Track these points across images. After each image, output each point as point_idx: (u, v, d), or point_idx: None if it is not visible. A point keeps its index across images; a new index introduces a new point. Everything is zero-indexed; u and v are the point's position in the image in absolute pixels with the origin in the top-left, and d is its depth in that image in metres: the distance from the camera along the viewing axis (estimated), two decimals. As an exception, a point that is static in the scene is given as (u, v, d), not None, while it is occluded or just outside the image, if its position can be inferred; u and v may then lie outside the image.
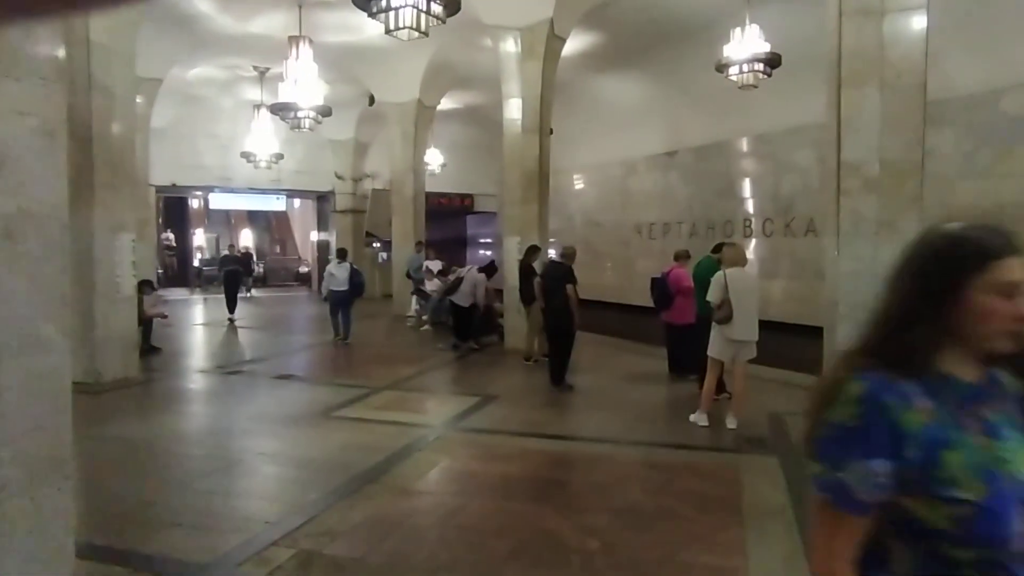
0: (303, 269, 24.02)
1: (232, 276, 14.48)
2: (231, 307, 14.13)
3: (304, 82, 10.39)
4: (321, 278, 13.16)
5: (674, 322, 8.37)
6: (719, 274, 6.18)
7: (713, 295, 6.10)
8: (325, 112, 10.85)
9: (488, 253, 24.08)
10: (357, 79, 15.23)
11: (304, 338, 12.38)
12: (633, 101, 15.25)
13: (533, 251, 9.48)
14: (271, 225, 27.74)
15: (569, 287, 7.57)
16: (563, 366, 7.81)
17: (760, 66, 8.41)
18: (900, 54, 5.06)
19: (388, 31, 6.65)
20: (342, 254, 11.74)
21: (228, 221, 26.67)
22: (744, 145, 13.46)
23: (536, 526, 3.91)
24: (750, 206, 13.35)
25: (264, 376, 8.68)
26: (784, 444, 5.52)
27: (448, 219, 23.01)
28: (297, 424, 6.27)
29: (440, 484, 4.76)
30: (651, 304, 8.50)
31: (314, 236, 24.05)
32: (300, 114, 10.65)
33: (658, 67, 13.55)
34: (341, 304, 11.04)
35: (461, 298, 10.42)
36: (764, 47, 8.41)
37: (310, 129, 11.39)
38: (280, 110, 10.78)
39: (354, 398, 7.28)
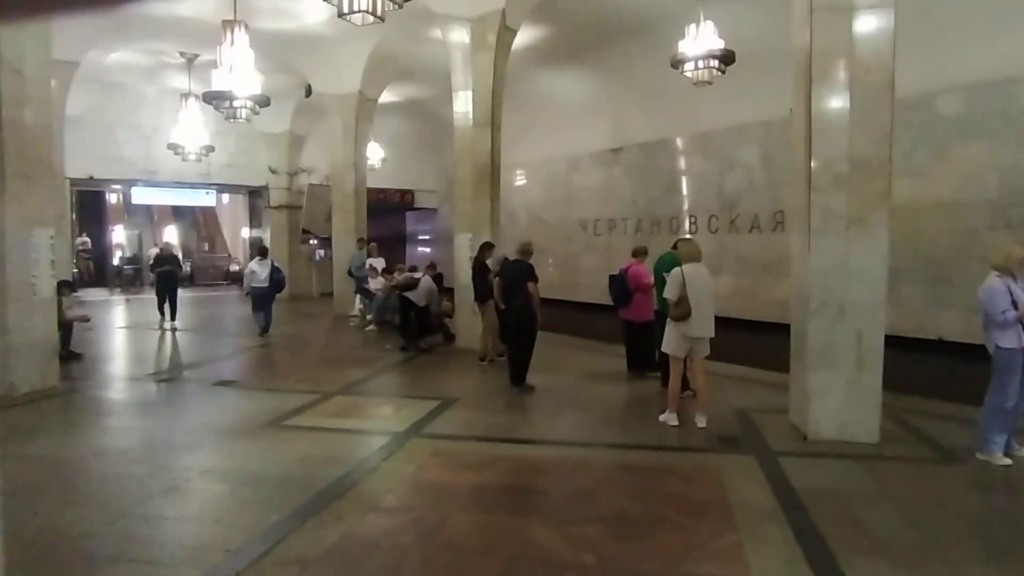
0: (233, 267, 22.85)
1: (167, 277, 12.88)
2: (166, 312, 12.75)
3: (240, 69, 9.72)
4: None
5: (633, 319, 8.29)
6: (676, 270, 6.10)
7: (670, 291, 6.01)
8: (263, 102, 10.19)
9: (428, 250, 23.58)
10: (293, 69, 14.53)
11: (241, 340, 11.65)
12: (579, 97, 15.18)
13: (487, 248, 9.24)
14: (198, 221, 26.20)
15: (530, 285, 7.35)
16: (524, 367, 7.58)
17: (715, 63, 8.43)
18: (869, 51, 5.09)
19: (341, 15, 6.22)
20: (264, 252, 12.22)
21: (151, 217, 25.01)
22: (690, 142, 13.59)
23: (524, 540, 3.68)
24: (695, 202, 13.50)
25: (202, 383, 8.08)
26: (758, 442, 5.49)
27: (387, 215, 22.39)
28: (246, 436, 5.79)
29: (413, 498, 4.44)
30: (597, 301, 8.40)
31: (245, 233, 22.94)
32: (236, 103, 9.95)
33: (605, 63, 13.52)
34: (262, 299, 11.61)
35: (418, 297, 10.09)
36: (719, 43, 8.43)
37: (247, 120, 10.71)
38: (214, 99, 10.04)
39: (305, 405, 6.83)
